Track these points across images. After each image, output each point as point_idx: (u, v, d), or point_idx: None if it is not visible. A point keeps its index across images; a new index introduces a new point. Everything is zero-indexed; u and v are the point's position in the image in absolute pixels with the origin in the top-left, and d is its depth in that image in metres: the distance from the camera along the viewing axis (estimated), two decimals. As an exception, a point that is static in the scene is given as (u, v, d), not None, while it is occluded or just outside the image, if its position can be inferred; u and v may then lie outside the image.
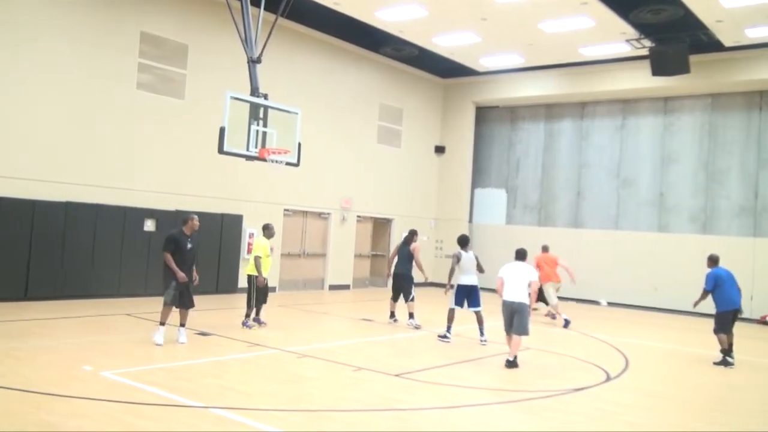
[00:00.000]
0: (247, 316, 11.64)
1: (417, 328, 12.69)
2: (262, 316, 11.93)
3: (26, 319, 11.10)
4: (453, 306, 11.53)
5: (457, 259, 11.61)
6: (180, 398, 6.80)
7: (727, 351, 10.69)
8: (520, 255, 10.12)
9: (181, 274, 9.57)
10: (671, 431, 6.97)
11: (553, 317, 14.87)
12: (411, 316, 12.93)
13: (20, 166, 13.14)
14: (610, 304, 19.71)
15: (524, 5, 15.39)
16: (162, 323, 9.68)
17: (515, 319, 9.59)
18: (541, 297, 14.59)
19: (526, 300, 9.66)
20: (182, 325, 9.94)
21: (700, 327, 15.10)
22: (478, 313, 11.44)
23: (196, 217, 10.11)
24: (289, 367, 8.82)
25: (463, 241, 11.87)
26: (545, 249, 15.53)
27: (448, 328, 11.48)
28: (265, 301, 11.89)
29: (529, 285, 9.78)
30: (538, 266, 14.73)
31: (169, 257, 9.63)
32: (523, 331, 9.61)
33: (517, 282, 9.70)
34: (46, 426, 5.76)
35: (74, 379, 7.37)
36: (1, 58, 12.91)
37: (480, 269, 11.57)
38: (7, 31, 12.97)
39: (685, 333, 14.89)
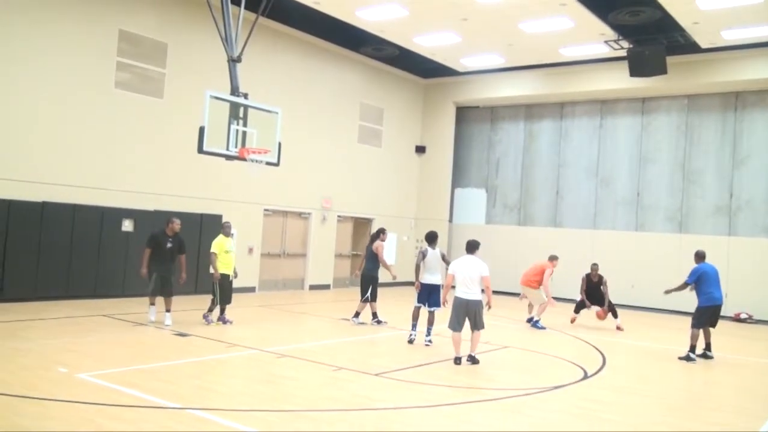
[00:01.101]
0: (210, 310, 11.90)
1: (360, 324, 12.79)
2: (228, 315, 12.02)
3: (1, 321, 10.91)
4: (417, 304, 11.31)
5: (423, 256, 11.27)
6: (157, 399, 6.74)
7: (694, 347, 10.89)
8: (471, 247, 9.58)
9: (143, 270, 11.28)
10: (650, 429, 7.04)
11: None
12: (356, 315, 12.98)
13: (-5, 165, 12.96)
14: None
15: (504, 6, 15.46)
16: (152, 303, 11.52)
17: (471, 316, 9.39)
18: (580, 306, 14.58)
19: (480, 297, 9.38)
20: (167, 310, 11.42)
21: (676, 325, 15.31)
22: (431, 314, 11.09)
23: (177, 220, 11.64)
24: (268, 367, 8.78)
25: (431, 238, 11.38)
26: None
27: (413, 326, 11.32)
28: (229, 302, 12.00)
29: (482, 280, 9.35)
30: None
31: (146, 253, 11.35)
32: (481, 325, 9.46)
33: (469, 278, 9.34)
34: (13, 427, 5.68)
35: (49, 381, 7.27)
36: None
37: (447, 263, 10.97)
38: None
39: (662, 331, 15.06)
